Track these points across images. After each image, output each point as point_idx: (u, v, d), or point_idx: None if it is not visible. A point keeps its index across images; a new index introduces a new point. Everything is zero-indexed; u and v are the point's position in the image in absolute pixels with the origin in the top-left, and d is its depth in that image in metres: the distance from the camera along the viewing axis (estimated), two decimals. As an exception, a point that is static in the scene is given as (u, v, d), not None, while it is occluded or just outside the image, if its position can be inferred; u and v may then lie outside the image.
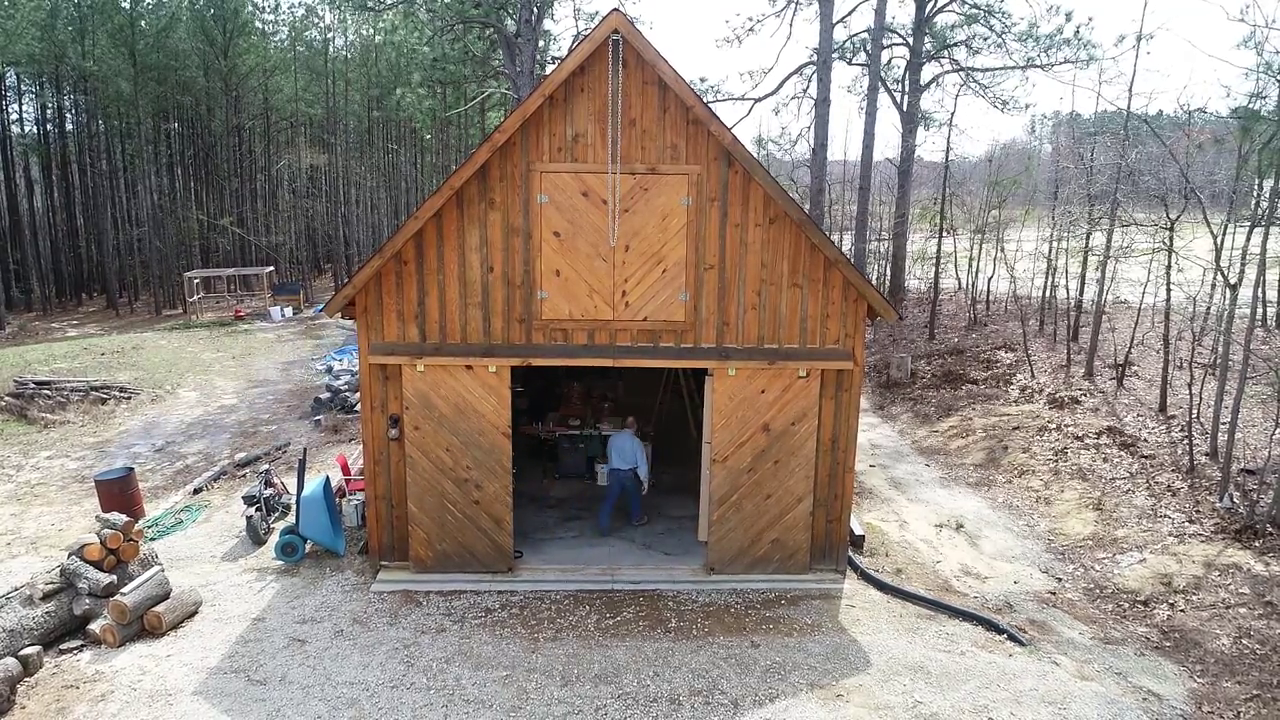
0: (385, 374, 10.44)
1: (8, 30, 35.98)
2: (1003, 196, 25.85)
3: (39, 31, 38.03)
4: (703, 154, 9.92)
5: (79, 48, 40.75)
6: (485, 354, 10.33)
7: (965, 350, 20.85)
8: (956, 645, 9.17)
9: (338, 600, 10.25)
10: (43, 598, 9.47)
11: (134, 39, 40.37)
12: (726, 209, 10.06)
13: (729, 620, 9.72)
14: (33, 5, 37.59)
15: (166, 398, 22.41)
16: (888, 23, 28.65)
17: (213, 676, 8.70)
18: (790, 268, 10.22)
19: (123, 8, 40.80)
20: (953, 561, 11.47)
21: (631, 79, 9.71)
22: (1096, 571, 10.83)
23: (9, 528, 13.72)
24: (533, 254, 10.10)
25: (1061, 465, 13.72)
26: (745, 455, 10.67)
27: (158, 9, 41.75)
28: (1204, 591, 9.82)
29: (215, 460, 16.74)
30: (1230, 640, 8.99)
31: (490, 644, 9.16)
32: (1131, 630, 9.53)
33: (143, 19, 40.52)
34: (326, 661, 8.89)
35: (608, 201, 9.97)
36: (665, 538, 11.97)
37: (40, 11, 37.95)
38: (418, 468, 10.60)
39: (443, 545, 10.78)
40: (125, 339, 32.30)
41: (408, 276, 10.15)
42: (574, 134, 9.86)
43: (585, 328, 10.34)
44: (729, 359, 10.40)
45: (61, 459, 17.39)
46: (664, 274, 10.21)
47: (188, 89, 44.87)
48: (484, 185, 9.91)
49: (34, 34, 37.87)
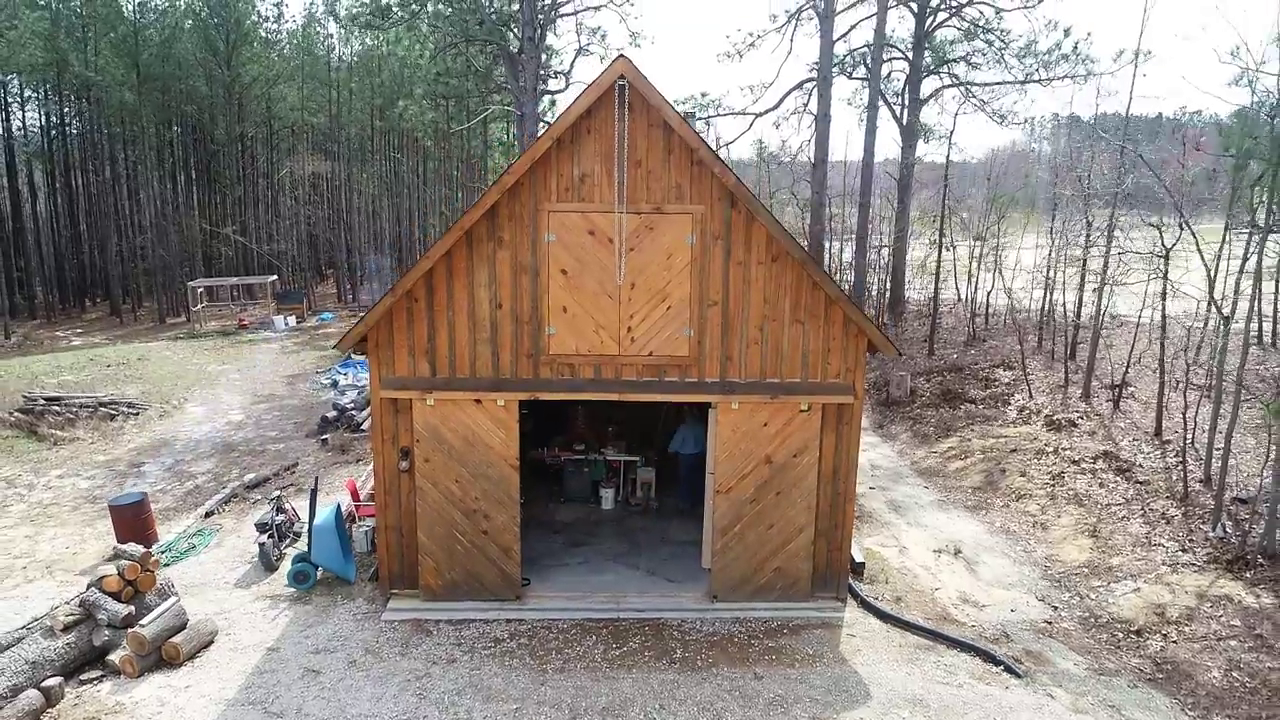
0: (396, 407, 10.68)
1: (11, 40, 36.19)
2: (1001, 213, 26.07)
3: (42, 41, 38.24)
4: (706, 194, 10.16)
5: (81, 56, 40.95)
6: (494, 388, 10.57)
7: (964, 367, 21.09)
8: (955, 677, 9.41)
9: (350, 629, 10.48)
10: (63, 629, 9.71)
11: (137, 49, 40.59)
12: (730, 247, 10.29)
13: (733, 651, 9.95)
14: (36, 15, 37.78)
15: (174, 413, 22.64)
16: (888, 37, 28.90)
17: (231, 709, 8.93)
18: (792, 304, 10.45)
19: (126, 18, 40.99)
20: (951, 588, 11.71)
21: (637, 122, 9.94)
22: (1092, 600, 11.07)
23: (24, 550, 13.95)
24: (540, 291, 10.34)
25: (1058, 490, 13.97)
26: (748, 486, 10.91)
27: (162, 18, 41.91)
28: (1196, 623, 10.06)
29: (224, 480, 16.97)
30: (1221, 673, 9.23)
31: (500, 675, 9.40)
32: (1125, 661, 9.77)
33: (147, 29, 40.65)
34: (341, 693, 9.12)
35: (614, 240, 10.20)
36: (670, 564, 12.20)
37: (44, 22, 38.15)
38: (428, 498, 10.83)
39: (452, 574, 11.01)
40: (131, 349, 32.52)
41: (418, 313, 10.39)
42: (581, 174, 10.10)
43: (592, 362, 10.58)
44: (732, 393, 10.63)
45: (73, 478, 17.62)
46: (669, 310, 10.44)
47: (191, 98, 45.08)
48: (493, 225, 10.15)
49: (38, 44, 38.09)
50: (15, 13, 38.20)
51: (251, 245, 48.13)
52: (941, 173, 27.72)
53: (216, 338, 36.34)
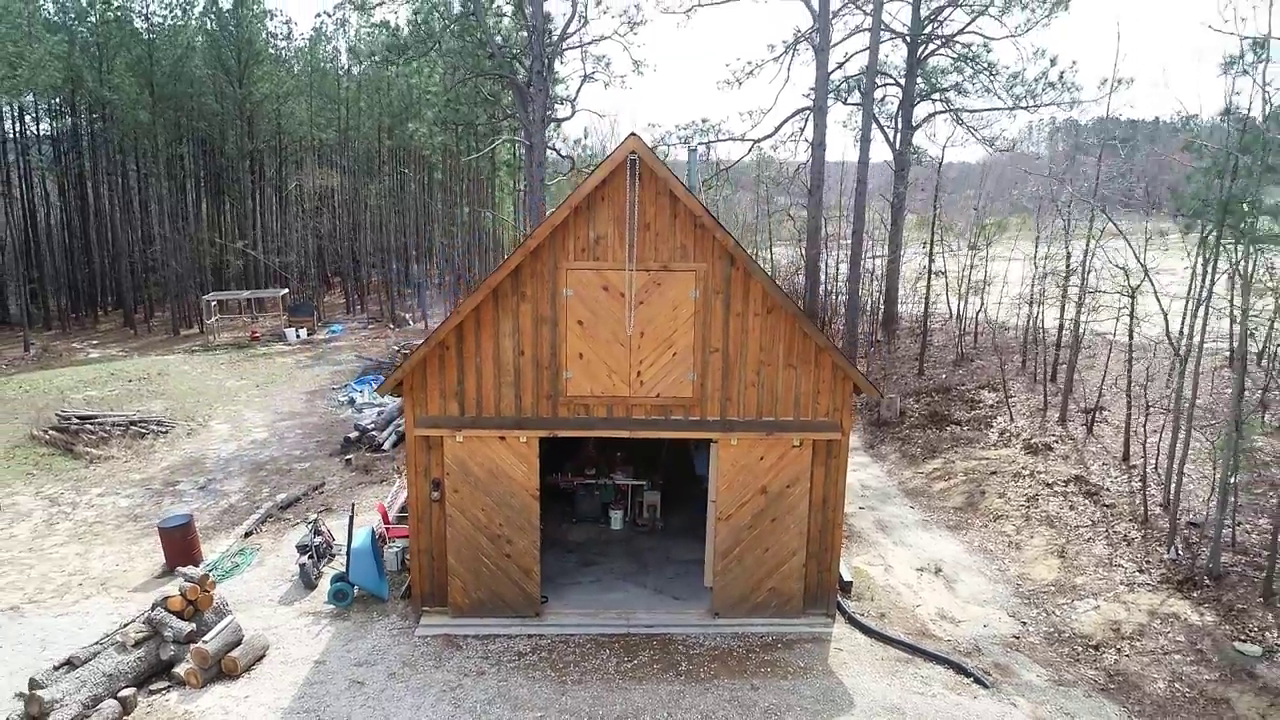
0: (429, 443, 11.83)
1: (32, 63, 37.28)
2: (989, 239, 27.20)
3: (61, 63, 39.37)
4: (708, 254, 11.32)
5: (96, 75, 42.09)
6: (516, 426, 11.73)
7: (951, 388, 22.25)
8: (930, 687, 10.57)
9: (387, 644, 11.64)
10: (134, 644, 10.86)
11: (151, 69, 41.71)
12: (729, 301, 11.46)
13: (732, 664, 11.11)
14: (56, 39, 38.91)
15: (200, 431, 23.79)
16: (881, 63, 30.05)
17: (287, 717, 10.09)
18: (785, 351, 11.62)
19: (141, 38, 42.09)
20: (931, 605, 12.87)
21: (646, 190, 11.10)
22: (1056, 617, 12.24)
23: (77, 567, 15.10)
24: (559, 339, 11.50)
25: (1032, 512, 15.13)
26: (746, 514, 12.07)
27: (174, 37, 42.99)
28: (1146, 638, 11.23)
29: (256, 499, 18.13)
30: (1165, 684, 10.40)
31: (525, 686, 10.56)
32: (1082, 673, 10.94)
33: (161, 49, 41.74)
34: (384, 703, 10.28)
35: (625, 294, 11.36)
36: (675, 582, 13.36)
37: (63, 45, 39.28)
38: (456, 525, 11.99)
39: (478, 593, 12.17)
40: (149, 363, 33.58)
41: (449, 360, 11.55)
42: (596, 236, 11.26)
43: (605, 403, 11.74)
44: (732, 430, 11.80)
45: (113, 496, 18.77)
46: (674, 356, 11.61)
47: (202, 114, 46.18)
48: (516, 282, 11.31)
49: (57, 65, 39.22)
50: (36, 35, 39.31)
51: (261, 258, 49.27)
52: (938, 174, 28.73)
53: (230, 351, 37.42)
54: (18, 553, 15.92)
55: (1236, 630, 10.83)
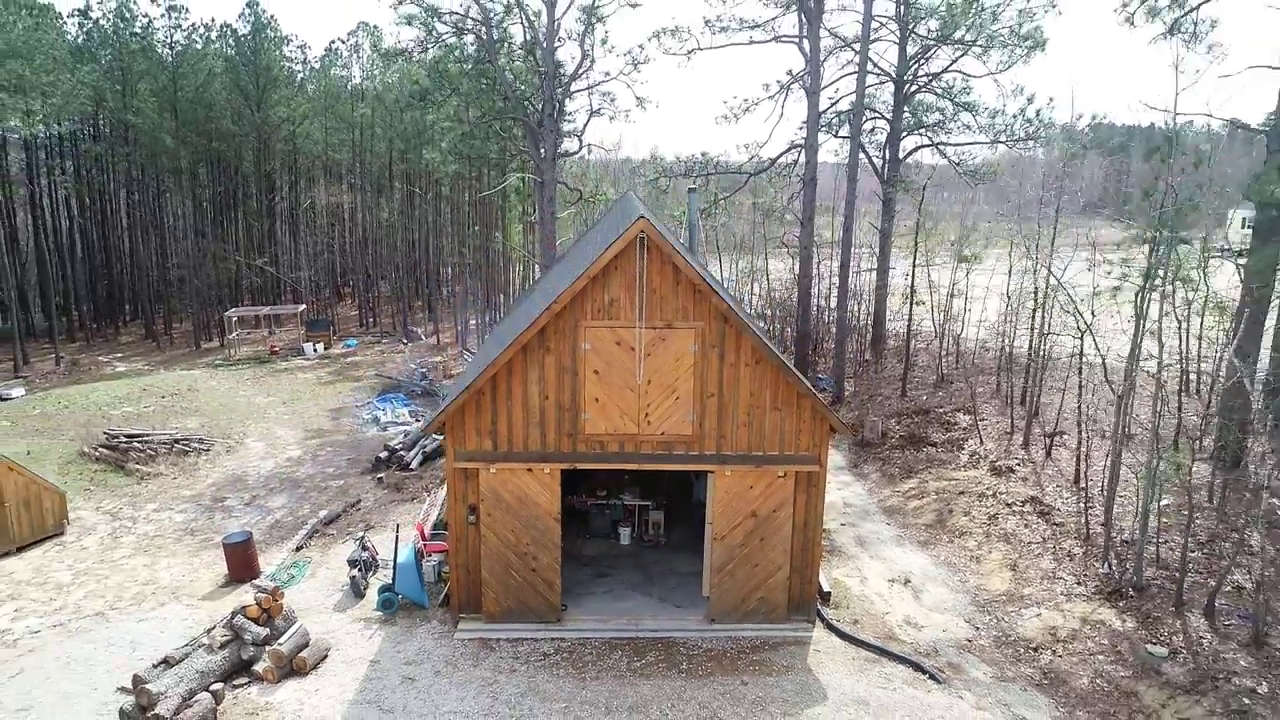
0: (466, 474, 13.81)
1: (64, 92, 39.24)
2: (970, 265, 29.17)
3: (90, 91, 41.38)
4: (705, 314, 13.30)
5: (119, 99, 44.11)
6: (541, 459, 13.71)
7: (930, 410, 24.22)
8: (891, 684, 12.55)
9: (431, 646, 13.62)
10: (219, 646, 12.84)
11: (175, 96, 43.70)
12: (723, 353, 13.44)
13: (725, 663, 13.09)
14: (87, 69, 40.89)
15: (238, 448, 25.76)
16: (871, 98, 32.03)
17: (353, 707, 12.07)
18: (771, 396, 13.60)
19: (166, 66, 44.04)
20: (899, 613, 14.85)
21: (653, 261, 13.08)
22: (1005, 622, 14.21)
23: (148, 578, 17.07)
24: (578, 386, 13.48)
25: (992, 529, 17.11)
26: (738, 534, 14.06)
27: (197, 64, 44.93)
28: (1077, 641, 13.20)
29: (299, 514, 20.11)
30: (1088, 680, 12.37)
31: (551, 682, 12.54)
32: (1021, 671, 12.91)
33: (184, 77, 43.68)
34: (433, 695, 12.25)
35: (635, 348, 13.34)
36: (676, 592, 15.33)
37: (94, 74, 41.27)
38: (489, 544, 13.98)
39: (507, 602, 14.15)
40: (177, 378, 35.51)
41: (484, 404, 13.53)
42: (610, 299, 13.24)
43: (617, 439, 13.72)
44: (726, 463, 13.78)
45: (167, 512, 20.74)
46: (677, 400, 13.59)
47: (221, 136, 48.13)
48: (542, 338, 13.29)
49: (86, 93, 41.23)
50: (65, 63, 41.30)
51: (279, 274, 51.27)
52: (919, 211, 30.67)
53: (252, 365, 39.36)
54: (91, 564, 17.89)
55: (1150, 635, 12.80)
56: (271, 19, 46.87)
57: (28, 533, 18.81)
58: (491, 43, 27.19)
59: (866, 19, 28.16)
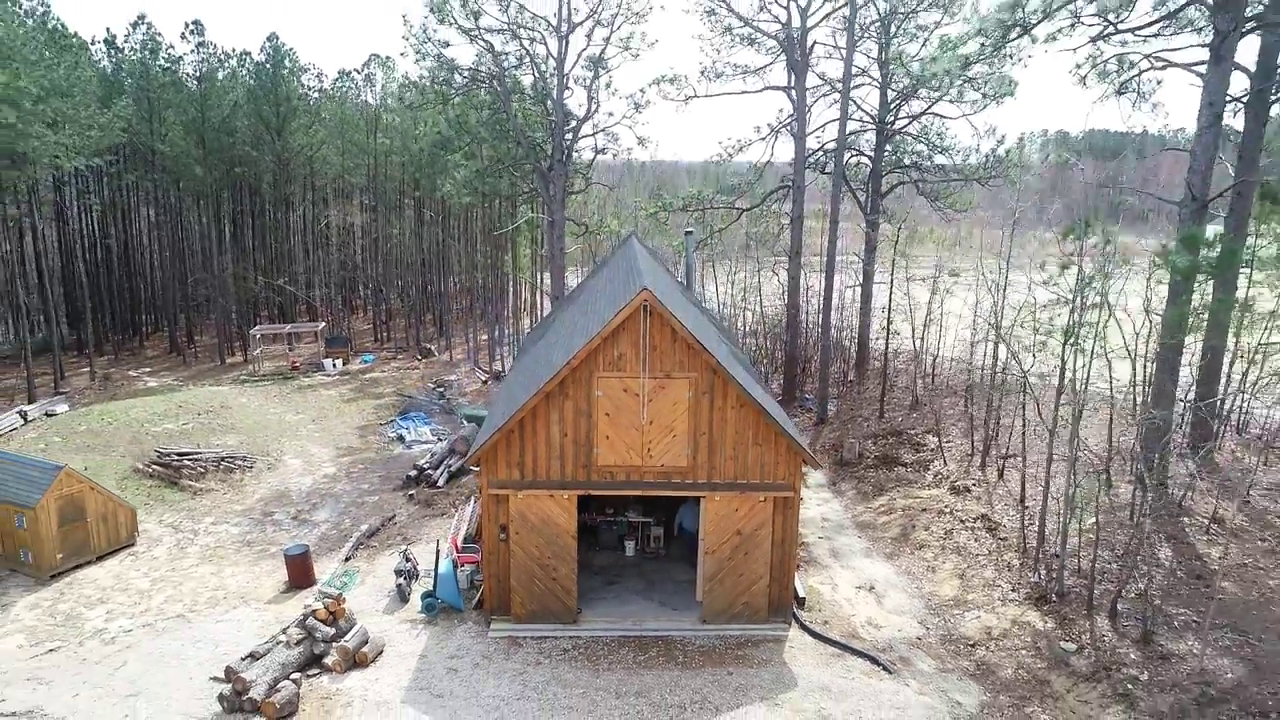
0: (498, 500, 16.48)
1: (101, 126, 41.88)
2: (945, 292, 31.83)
3: (124, 124, 44.01)
4: (698, 366, 15.96)
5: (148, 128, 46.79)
6: (560, 487, 16.39)
7: (903, 432, 26.88)
8: (851, 674, 15.23)
9: (469, 643, 16.28)
10: (295, 643, 15.50)
11: (203, 125, 46.36)
12: (713, 399, 16.10)
13: (715, 657, 15.76)
14: (122, 103, 43.53)
15: (278, 465, 28.41)
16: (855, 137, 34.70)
17: (409, 692, 14.73)
18: (753, 434, 16.26)
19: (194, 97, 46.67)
20: (863, 615, 17.52)
21: (654, 323, 15.75)
22: (950, 623, 16.88)
23: (217, 584, 19.73)
24: (592, 426, 16.15)
25: (947, 543, 19.77)
26: (726, 549, 16.72)
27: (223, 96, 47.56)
28: (1006, 639, 15.86)
29: (341, 528, 22.77)
30: (1012, 671, 15.04)
31: (570, 672, 15.20)
32: (959, 664, 15.58)
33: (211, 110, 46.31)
34: (474, 683, 14.92)
35: (639, 395, 16.01)
36: (674, 597, 17.99)
37: (128, 109, 43.93)
38: (517, 558, 16.64)
39: (532, 606, 16.82)
40: (209, 395, 38.03)
41: (514, 441, 16.20)
42: (619, 354, 15.91)
43: (624, 470, 16.39)
44: (716, 490, 16.45)
45: (223, 525, 23.39)
46: (674, 437, 16.26)
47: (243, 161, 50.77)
48: (562, 387, 15.96)
49: (121, 125, 43.85)
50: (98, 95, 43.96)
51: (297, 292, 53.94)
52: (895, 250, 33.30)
53: (276, 381, 41.94)
54: (164, 572, 20.55)
55: (1064, 634, 15.47)
56: (290, 51, 49.49)
57: (105, 544, 21.46)
58: (506, 94, 29.87)
59: (847, 71, 30.81)
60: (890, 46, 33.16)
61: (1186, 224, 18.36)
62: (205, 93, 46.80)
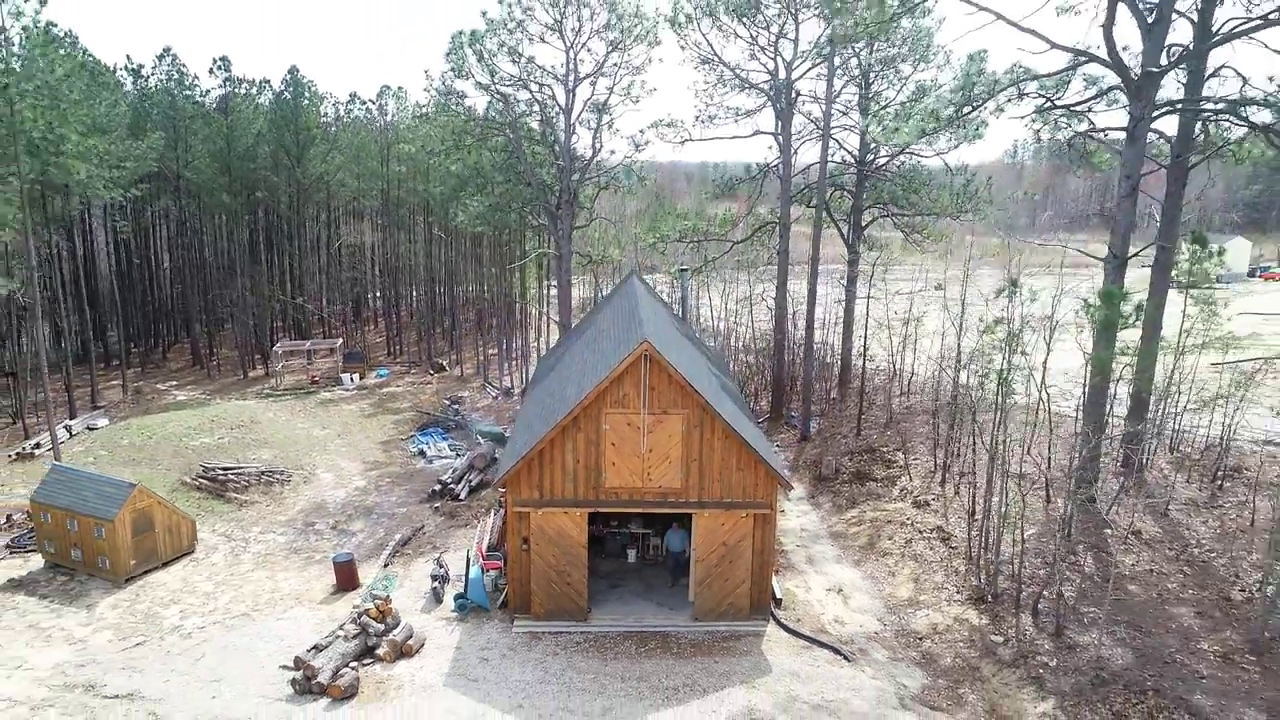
0: (520, 516, 19.49)
1: (137, 156, 44.82)
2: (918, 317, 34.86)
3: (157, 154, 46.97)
4: (690, 403, 18.97)
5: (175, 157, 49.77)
6: (573, 505, 19.40)
7: (876, 450, 29.90)
8: (817, 662, 18.25)
9: (496, 637, 19.28)
10: (352, 637, 18.50)
11: (229, 155, 49.36)
12: (703, 432, 19.12)
13: (704, 649, 18.76)
14: (155, 135, 46.50)
15: (312, 479, 31.38)
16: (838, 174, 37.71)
17: (449, 677, 17.73)
18: (736, 461, 19.28)
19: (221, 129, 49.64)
20: (831, 614, 20.54)
21: (653, 368, 18.76)
22: (903, 621, 19.90)
23: (272, 587, 22.70)
24: (600, 454, 19.16)
25: (906, 551, 22.79)
26: (714, 558, 19.74)
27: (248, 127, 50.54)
28: (949, 633, 18.88)
29: (375, 536, 25.74)
30: (950, 660, 18.05)
31: (583, 661, 18.21)
32: (908, 654, 18.59)
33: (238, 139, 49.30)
34: (503, 669, 17.91)
35: (640, 428, 19.02)
36: (671, 598, 20.99)
37: (161, 140, 46.92)
38: (536, 565, 19.64)
39: (549, 606, 19.82)
40: (238, 409, 40.88)
41: (534, 467, 19.21)
42: (623, 394, 18.92)
43: (628, 491, 19.40)
44: (705, 508, 19.47)
45: (271, 534, 26.36)
46: (670, 463, 19.27)
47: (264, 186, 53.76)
48: (575, 421, 18.97)
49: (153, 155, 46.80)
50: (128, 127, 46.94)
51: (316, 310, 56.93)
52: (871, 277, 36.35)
53: (299, 396, 44.89)
54: (224, 576, 23.53)
55: (994, 628, 18.50)
56: (310, 84, 52.50)
57: (170, 552, 24.44)
58: (518, 141, 32.90)
59: (826, 119, 33.84)
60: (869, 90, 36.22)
61: (1109, 279, 21.38)
62: (231, 124, 49.74)
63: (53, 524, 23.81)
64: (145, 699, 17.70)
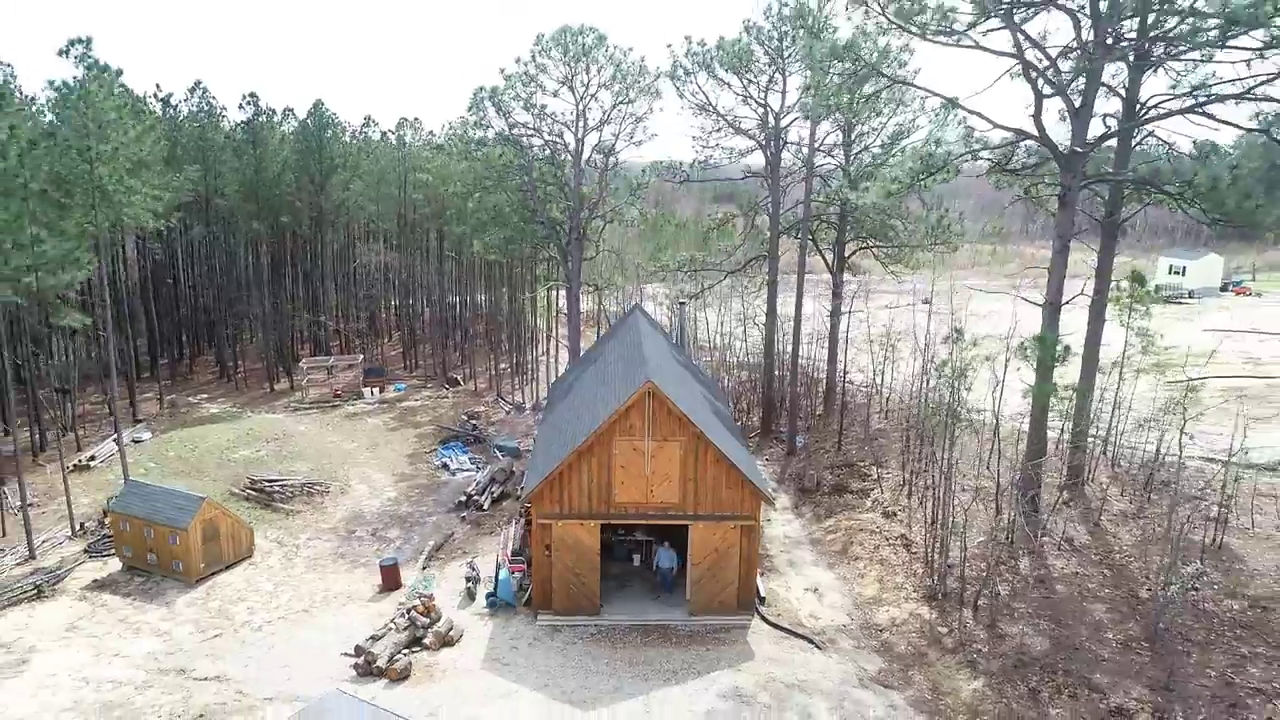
0: (543, 527, 23.03)
1: (174, 188, 48.32)
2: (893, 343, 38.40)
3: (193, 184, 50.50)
4: (687, 432, 22.52)
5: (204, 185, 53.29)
6: (589, 517, 22.95)
7: (854, 464, 33.43)
8: (793, 650, 21.79)
9: (523, 629, 22.81)
10: (402, 629, 22.03)
11: (257, 183, 52.88)
12: (697, 456, 22.66)
13: (698, 639, 22.30)
14: (193, 167, 50.02)
15: (348, 490, 34.88)
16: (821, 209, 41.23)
17: (484, 662, 21.26)
18: (725, 480, 22.83)
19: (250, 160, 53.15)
20: (807, 610, 24.07)
21: (655, 403, 22.30)
22: (867, 615, 23.43)
23: (325, 588, 26.21)
24: (611, 475, 22.71)
25: (874, 556, 26.31)
26: (707, 563, 23.28)
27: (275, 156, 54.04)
28: (905, 626, 22.40)
29: (411, 542, 29.24)
30: (904, 648, 21.58)
31: (596, 649, 21.73)
32: (870, 643, 22.13)
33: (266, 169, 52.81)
34: (530, 656, 21.44)
35: (645, 453, 22.56)
36: (670, 596, 24.52)
37: (198, 170, 50.46)
38: (556, 568, 23.18)
39: (567, 603, 23.35)
40: (270, 423, 44.30)
41: (555, 485, 22.75)
42: (630, 424, 22.47)
43: (634, 505, 22.95)
44: (699, 520, 23.02)
45: (318, 540, 29.87)
46: (670, 482, 22.83)
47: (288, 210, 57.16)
48: (590, 447, 22.52)
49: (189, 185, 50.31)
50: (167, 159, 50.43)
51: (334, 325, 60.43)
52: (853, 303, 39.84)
53: (324, 409, 48.30)
54: (281, 578, 27.04)
55: (941, 621, 22.04)
56: (333, 116, 56.01)
57: (232, 556, 27.94)
58: (531, 184, 36.47)
59: (810, 161, 37.36)
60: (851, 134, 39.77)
61: (1046, 324, 24.89)
62: (260, 155, 53.26)
63: (130, 532, 27.31)
64: (231, 680, 21.21)
